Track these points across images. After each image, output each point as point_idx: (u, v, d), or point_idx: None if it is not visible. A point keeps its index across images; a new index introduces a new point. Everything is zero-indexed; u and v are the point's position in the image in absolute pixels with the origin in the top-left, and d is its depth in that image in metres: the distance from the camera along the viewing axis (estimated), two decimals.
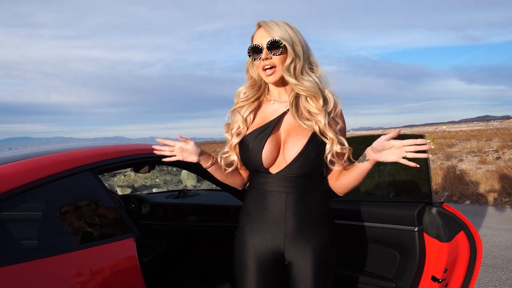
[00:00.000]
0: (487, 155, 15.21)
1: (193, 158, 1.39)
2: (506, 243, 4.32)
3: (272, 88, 1.39)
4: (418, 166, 1.12)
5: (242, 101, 1.39)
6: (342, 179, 1.34)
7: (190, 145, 1.38)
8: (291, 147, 1.30)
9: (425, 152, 1.15)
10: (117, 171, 14.46)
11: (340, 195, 1.41)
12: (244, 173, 1.49)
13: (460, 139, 32.11)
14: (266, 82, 1.39)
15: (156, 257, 2.64)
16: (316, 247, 1.31)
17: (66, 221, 1.42)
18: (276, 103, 1.38)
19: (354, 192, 2.21)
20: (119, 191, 10.01)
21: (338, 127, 1.32)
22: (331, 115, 1.32)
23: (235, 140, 1.36)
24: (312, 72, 1.33)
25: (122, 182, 12.97)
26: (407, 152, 1.13)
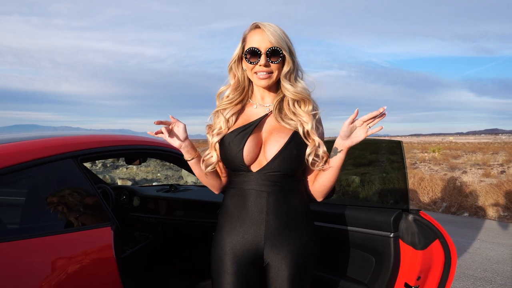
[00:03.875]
0: (492, 169, 15.09)
1: (175, 143, 1.32)
2: (498, 257, 4.28)
3: (256, 91, 1.41)
4: (382, 127, 1.19)
5: (225, 104, 1.39)
6: (319, 179, 1.35)
7: (180, 127, 1.32)
8: (273, 144, 1.31)
9: (384, 107, 1.19)
10: (120, 164, 14.57)
11: (319, 199, 1.41)
12: (223, 177, 1.48)
13: (466, 151, 31.84)
14: (249, 85, 1.40)
15: (141, 249, 2.67)
16: (295, 249, 1.31)
17: (45, 206, 1.45)
18: (258, 107, 1.40)
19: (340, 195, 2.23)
20: (120, 183, 10.09)
21: (319, 131, 1.36)
22: (315, 119, 1.35)
23: (215, 138, 1.36)
24: (301, 78, 1.37)
25: (123, 175, 13.07)
26: (368, 124, 1.20)
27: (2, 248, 1.22)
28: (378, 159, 2.26)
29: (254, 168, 1.32)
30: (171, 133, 1.31)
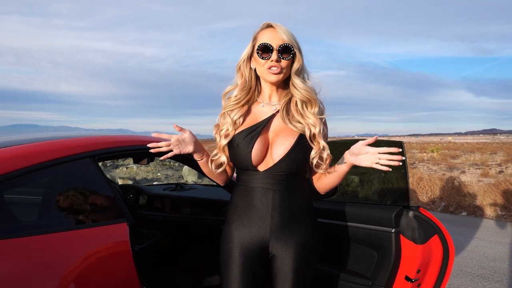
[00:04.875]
0: (490, 169, 15.20)
1: (189, 149, 1.40)
2: (496, 255, 4.37)
3: (264, 90, 1.45)
4: (390, 170, 1.21)
5: (232, 104, 1.43)
6: (323, 180, 1.43)
7: (187, 135, 1.40)
8: (279, 146, 1.37)
9: (401, 157, 1.21)
10: (120, 164, 14.64)
11: (321, 194, 1.48)
12: (229, 172, 1.55)
13: (465, 151, 31.98)
14: (256, 84, 1.46)
15: (149, 246, 2.75)
16: (298, 242, 1.39)
17: (65, 203, 1.53)
18: (265, 106, 1.44)
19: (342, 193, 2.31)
20: (120, 183, 10.15)
21: (324, 133, 1.42)
22: (322, 121, 1.41)
23: (224, 141, 1.42)
24: (307, 79, 1.43)
25: (124, 174, 13.13)
26: (380, 159, 1.22)
27: (30, 242, 1.30)
28: None
29: (261, 168, 1.38)
30: (180, 144, 1.40)
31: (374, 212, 1.78)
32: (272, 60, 1.34)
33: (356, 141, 1.29)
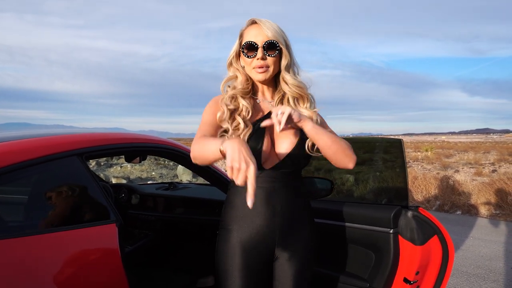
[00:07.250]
0: (483, 168, 15.30)
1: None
2: (491, 254, 4.36)
3: (256, 86, 1.40)
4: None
5: (244, 91, 1.34)
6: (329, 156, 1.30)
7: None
8: (282, 143, 1.32)
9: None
10: (113, 163, 14.50)
11: (348, 164, 1.30)
12: None
13: (459, 150, 32.24)
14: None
15: (141, 246, 2.69)
16: (303, 245, 1.35)
17: (51, 203, 1.46)
18: (262, 102, 1.40)
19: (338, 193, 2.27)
20: (114, 182, 10.04)
21: (321, 121, 1.39)
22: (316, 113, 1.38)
23: (247, 132, 1.28)
24: (297, 73, 1.38)
25: (118, 173, 13.01)
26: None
27: (12, 244, 1.23)
28: (372, 158, 2.31)
29: (267, 165, 1.32)
30: None
31: (372, 212, 1.74)
32: (258, 58, 1.29)
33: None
